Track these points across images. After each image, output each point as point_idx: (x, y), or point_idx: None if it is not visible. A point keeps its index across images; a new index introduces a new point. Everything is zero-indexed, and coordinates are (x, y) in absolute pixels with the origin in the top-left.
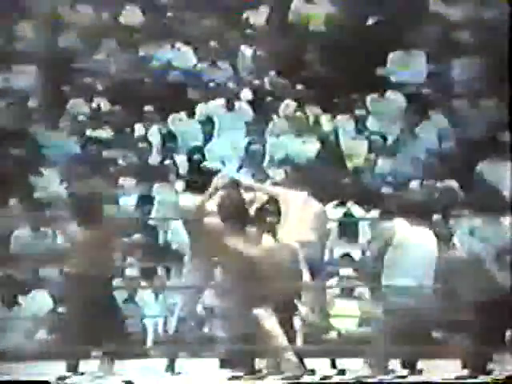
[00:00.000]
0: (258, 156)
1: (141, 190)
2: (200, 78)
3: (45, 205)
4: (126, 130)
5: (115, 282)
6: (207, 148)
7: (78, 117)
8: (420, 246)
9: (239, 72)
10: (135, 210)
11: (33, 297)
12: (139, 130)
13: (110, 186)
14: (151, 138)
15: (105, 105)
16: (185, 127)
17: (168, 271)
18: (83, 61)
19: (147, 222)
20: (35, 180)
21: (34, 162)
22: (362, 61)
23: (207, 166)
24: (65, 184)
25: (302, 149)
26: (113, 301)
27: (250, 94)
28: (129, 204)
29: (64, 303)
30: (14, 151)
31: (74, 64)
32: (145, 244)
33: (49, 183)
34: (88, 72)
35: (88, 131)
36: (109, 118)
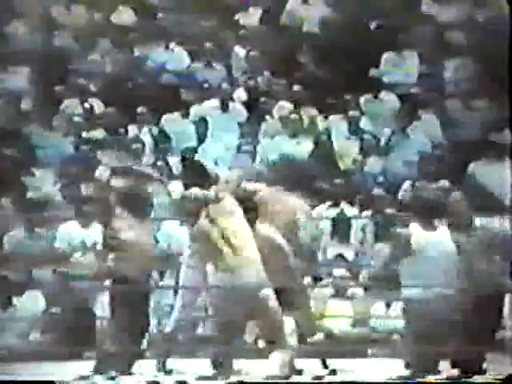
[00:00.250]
0: (249, 157)
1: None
2: (194, 79)
3: (38, 205)
4: (120, 131)
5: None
6: (201, 149)
7: (72, 117)
8: (438, 253)
9: (233, 73)
10: None
11: (27, 298)
12: (133, 131)
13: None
14: (144, 139)
15: (98, 106)
16: (178, 128)
17: (162, 272)
18: (77, 61)
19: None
20: (28, 180)
21: (28, 163)
22: (356, 62)
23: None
24: (58, 185)
25: (296, 150)
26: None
27: (244, 95)
28: None
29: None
30: (8, 151)
31: (68, 64)
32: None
33: (42, 184)
34: (82, 73)
35: (82, 132)
36: (102, 119)
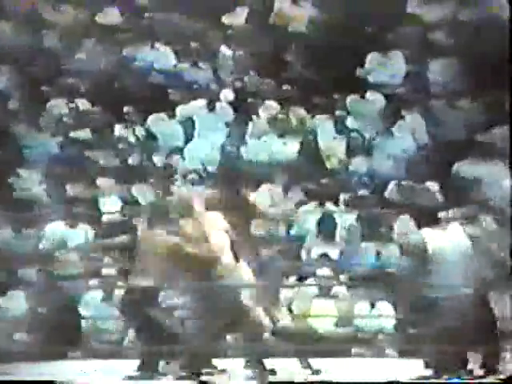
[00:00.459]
0: (234, 157)
1: (120, 191)
2: (181, 79)
3: (25, 205)
4: (106, 131)
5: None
6: (187, 148)
7: (59, 117)
8: (454, 253)
9: (220, 73)
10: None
11: (9, 298)
12: (119, 131)
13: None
14: (131, 139)
15: (84, 105)
16: (165, 128)
17: None
18: (64, 61)
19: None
20: (15, 180)
21: (15, 163)
22: (342, 62)
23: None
24: (44, 185)
25: (283, 149)
26: None
27: (231, 95)
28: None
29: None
30: None
31: (55, 64)
32: (124, 244)
33: (29, 184)
34: (68, 72)
35: (68, 132)
36: (89, 119)
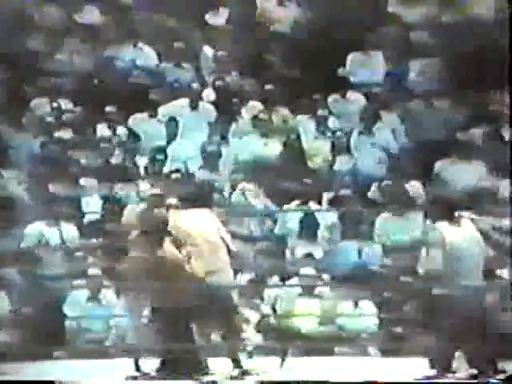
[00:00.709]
0: (215, 156)
1: (103, 190)
2: (163, 79)
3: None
4: (88, 131)
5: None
6: (170, 148)
7: (41, 117)
8: (468, 248)
9: (202, 73)
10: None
11: None
12: (101, 131)
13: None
14: (113, 139)
15: (67, 105)
16: (148, 127)
17: None
18: (46, 61)
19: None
20: None
21: None
22: (324, 62)
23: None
24: (23, 185)
25: (265, 149)
26: None
27: (213, 94)
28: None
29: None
30: None
31: (37, 64)
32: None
33: (10, 183)
34: (50, 72)
35: (51, 131)
36: (70, 119)
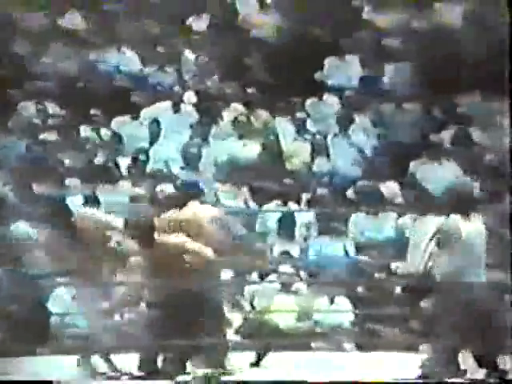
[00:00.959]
0: (196, 158)
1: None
2: (146, 82)
3: None
4: (72, 133)
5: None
6: (152, 150)
7: (26, 119)
8: (479, 241)
9: (184, 76)
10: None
11: None
12: (85, 132)
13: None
14: (97, 141)
15: (52, 108)
16: (130, 129)
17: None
18: (31, 64)
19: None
20: None
21: None
22: (302, 66)
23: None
24: (8, 186)
25: (244, 151)
26: None
27: (194, 97)
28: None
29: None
30: None
31: (23, 68)
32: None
33: None
34: (36, 76)
35: (36, 133)
36: (55, 121)
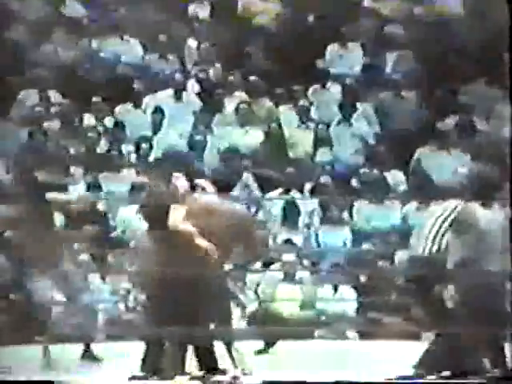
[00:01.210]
0: (201, 146)
1: (89, 179)
2: (148, 70)
3: None
4: (75, 121)
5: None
6: (156, 137)
7: (29, 108)
8: (495, 230)
9: (186, 64)
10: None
11: None
12: (88, 120)
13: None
14: (100, 128)
15: (55, 96)
16: (133, 117)
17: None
18: (32, 52)
19: (97, 210)
20: None
21: None
22: (304, 54)
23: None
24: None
25: (247, 139)
26: None
27: (197, 86)
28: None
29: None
30: None
31: (24, 56)
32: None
33: None
34: (37, 63)
35: (38, 121)
36: (58, 109)
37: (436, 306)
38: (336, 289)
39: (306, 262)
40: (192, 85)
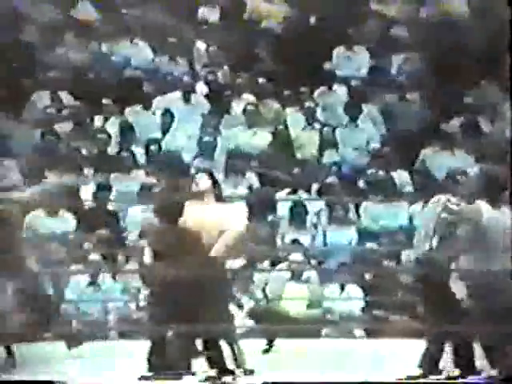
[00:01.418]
0: (210, 147)
1: (99, 180)
2: (157, 73)
3: None
4: (86, 122)
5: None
6: (165, 139)
7: (41, 109)
8: (503, 228)
9: (195, 66)
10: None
11: None
12: (98, 122)
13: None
14: (110, 130)
15: (66, 98)
16: (143, 119)
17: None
18: (44, 55)
19: (107, 210)
20: None
21: None
22: (311, 56)
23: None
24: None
25: (255, 140)
26: None
27: (206, 88)
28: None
29: None
30: None
31: (36, 58)
32: (105, 232)
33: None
34: (48, 66)
35: (50, 123)
36: (69, 111)
37: (442, 305)
38: (343, 288)
39: (314, 262)
40: (201, 87)
